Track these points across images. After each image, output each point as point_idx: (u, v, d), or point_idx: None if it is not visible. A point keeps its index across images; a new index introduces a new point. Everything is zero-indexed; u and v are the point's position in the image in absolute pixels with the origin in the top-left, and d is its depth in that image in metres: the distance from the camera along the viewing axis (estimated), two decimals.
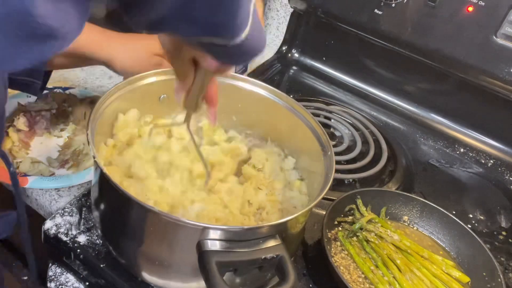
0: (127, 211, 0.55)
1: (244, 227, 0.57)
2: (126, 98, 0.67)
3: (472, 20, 0.89)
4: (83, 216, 0.69)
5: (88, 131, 0.56)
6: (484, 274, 0.68)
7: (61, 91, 0.93)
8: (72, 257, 0.65)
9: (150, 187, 0.64)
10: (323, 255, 0.66)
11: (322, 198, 0.56)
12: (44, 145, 0.85)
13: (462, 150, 1.01)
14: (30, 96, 0.89)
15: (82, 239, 0.66)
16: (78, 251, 0.64)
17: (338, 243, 0.72)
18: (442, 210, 0.75)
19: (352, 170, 0.87)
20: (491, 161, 0.99)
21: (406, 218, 0.78)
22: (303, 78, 1.19)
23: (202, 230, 0.50)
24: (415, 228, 0.77)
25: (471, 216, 0.85)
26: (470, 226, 0.75)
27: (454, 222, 0.74)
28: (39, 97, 0.88)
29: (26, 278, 0.89)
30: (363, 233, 0.73)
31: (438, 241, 0.76)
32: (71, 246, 0.65)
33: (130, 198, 0.50)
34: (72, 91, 0.94)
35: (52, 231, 0.66)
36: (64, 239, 0.66)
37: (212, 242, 0.50)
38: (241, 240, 0.51)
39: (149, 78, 0.69)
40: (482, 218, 0.85)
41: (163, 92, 0.72)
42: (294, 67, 1.21)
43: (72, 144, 0.84)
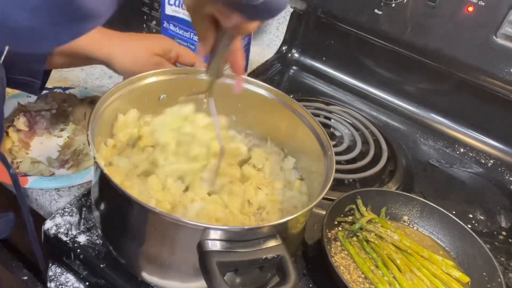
0: (128, 211, 0.55)
1: (244, 227, 0.57)
2: (126, 98, 0.67)
3: (472, 20, 0.89)
4: (83, 216, 0.69)
5: (88, 131, 0.56)
6: (484, 274, 0.68)
7: (61, 91, 0.93)
8: (72, 257, 0.65)
9: (153, 185, 0.64)
10: (323, 255, 0.66)
11: (322, 198, 0.56)
12: (44, 145, 0.85)
13: (462, 150, 1.01)
14: (30, 96, 0.89)
15: (82, 239, 0.66)
16: (78, 251, 0.64)
17: (338, 243, 0.72)
18: (442, 210, 0.75)
19: (352, 170, 0.87)
20: (491, 161, 0.99)
21: (406, 218, 0.78)
22: (303, 78, 1.19)
23: (203, 231, 0.50)
24: (415, 228, 0.78)
25: (471, 216, 0.85)
26: (470, 226, 0.75)
27: (454, 222, 0.74)
28: (38, 96, 0.88)
29: (26, 278, 0.89)
30: (363, 233, 0.73)
31: (438, 241, 0.76)
32: (71, 246, 0.65)
33: (130, 198, 0.50)
34: (72, 91, 0.93)
35: (52, 231, 0.66)
36: (64, 239, 0.66)
37: (213, 242, 0.50)
38: (241, 240, 0.51)
39: (149, 78, 0.69)
40: (482, 218, 0.85)
41: (163, 92, 0.72)
42: (294, 67, 1.21)
43: (72, 144, 0.84)
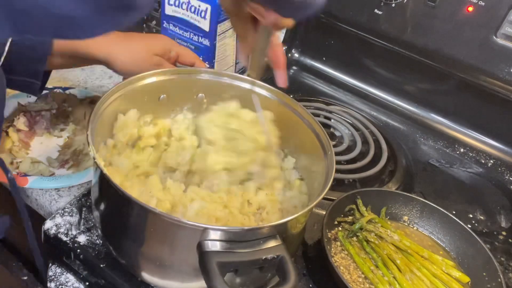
0: (127, 211, 0.55)
1: (244, 228, 0.57)
2: (126, 98, 0.67)
3: (472, 20, 0.89)
4: (83, 216, 0.69)
5: (88, 131, 0.56)
6: (484, 274, 0.68)
7: (61, 91, 0.93)
8: (72, 257, 0.65)
9: (154, 185, 0.64)
10: (323, 255, 0.66)
11: (322, 198, 0.56)
12: (44, 145, 0.85)
13: (462, 150, 1.01)
14: (30, 96, 0.89)
15: (82, 239, 0.66)
16: (78, 251, 0.64)
17: (338, 243, 0.72)
18: (442, 210, 0.75)
19: (352, 170, 0.87)
20: (491, 161, 0.99)
21: (406, 218, 0.78)
22: (303, 78, 1.19)
23: (202, 231, 0.50)
24: (415, 228, 0.77)
25: (471, 216, 0.85)
26: (470, 226, 0.75)
27: (454, 222, 0.74)
28: (38, 96, 0.88)
29: (26, 278, 0.89)
30: (363, 233, 0.73)
31: (438, 241, 0.76)
32: (71, 246, 0.65)
33: (130, 198, 0.50)
34: (72, 91, 0.94)
35: (52, 231, 0.66)
36: (64, 239, 0.66)
37: (213, 242, 0.49)
38: (241, 240, 0.51)
39: (149, 78, 0.69)
40: (482, 218, 0.85)
41: (163, 92, 0.72)
42: (294, 67, 1.21)
43: (72, 144, 0.84)
